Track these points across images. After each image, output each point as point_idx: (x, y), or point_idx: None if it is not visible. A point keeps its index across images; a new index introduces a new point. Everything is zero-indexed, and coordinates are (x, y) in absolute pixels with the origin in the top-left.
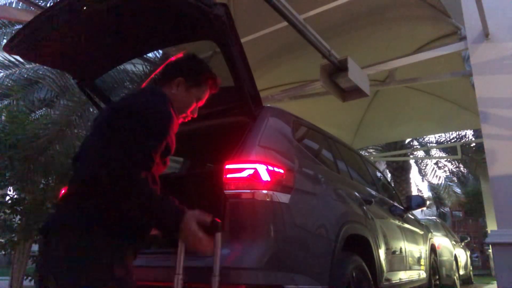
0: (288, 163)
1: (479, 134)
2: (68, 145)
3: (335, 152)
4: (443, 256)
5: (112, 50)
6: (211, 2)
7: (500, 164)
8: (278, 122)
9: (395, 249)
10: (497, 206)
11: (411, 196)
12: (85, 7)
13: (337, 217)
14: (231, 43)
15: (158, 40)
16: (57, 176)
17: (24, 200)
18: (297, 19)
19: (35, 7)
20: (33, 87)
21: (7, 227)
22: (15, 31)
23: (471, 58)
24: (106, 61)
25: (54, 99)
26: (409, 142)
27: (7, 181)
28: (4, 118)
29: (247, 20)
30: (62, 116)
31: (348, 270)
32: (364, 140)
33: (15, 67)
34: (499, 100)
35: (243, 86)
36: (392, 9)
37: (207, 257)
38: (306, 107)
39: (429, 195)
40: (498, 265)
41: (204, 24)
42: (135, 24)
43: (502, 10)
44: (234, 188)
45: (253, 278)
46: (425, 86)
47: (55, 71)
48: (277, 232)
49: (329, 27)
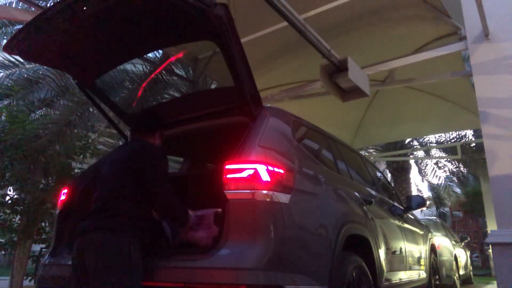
0: (288, 163)
1: (479, 134)
2: (68, 145)
3: (335, 152)
4: (443, 256)
5: (112, 50)
6: (211, 2)
7: (500, 164)
8: (278, 122)
9: (395, 249)
10: (497, 206)
11: (411, 196)
12: (85, 7)
13: (337, 217)
14: (231, 43)
15: (158, 40)
16: (57, 176)
17: (24, 200)
18: (297, 19)
19: (35, 7)
20: (33, 87)
21: (7, 227)
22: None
23: (471, 58)
24: (106, 61)
25: (54, 99)
26: (409, 142)
27: (7, 181)
28: (4, 118)
29: (247, 20)
30: (62, 116)
31: (348, 270)
32: (364, 140)
33: (15, 67)
34: (499, 100)
35: (243, 86)
36: (392, 9)
37: (206, 258)
38: (306, 107)
39: (429, 195)
40: (498, 265)
41: (204, 24)
42: (135, 24)
43: (502, 10)
44: (234, 188)
45: (253, 278)
46: (425, 86)
47: (55, 71)
48: (277, 233)
49: (329, 27)
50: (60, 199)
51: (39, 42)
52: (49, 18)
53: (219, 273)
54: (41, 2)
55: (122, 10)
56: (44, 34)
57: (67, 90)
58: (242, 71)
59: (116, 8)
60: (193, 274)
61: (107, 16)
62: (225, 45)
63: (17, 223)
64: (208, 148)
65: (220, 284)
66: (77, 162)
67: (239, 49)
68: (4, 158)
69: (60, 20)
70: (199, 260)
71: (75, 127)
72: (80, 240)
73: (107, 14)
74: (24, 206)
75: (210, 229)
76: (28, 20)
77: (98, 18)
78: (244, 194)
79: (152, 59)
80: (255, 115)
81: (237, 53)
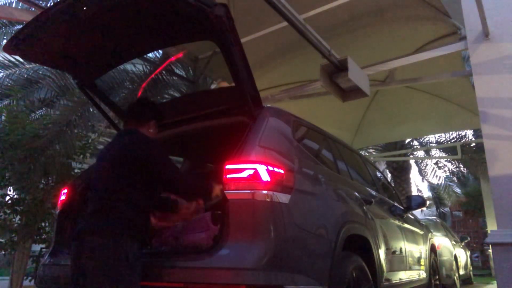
0: (288, 163)
1: (479, 134)
2: (68, 145)
3: (335, 152)
4: (443, 256)
5: (112, 50)
6: (211, 2)
7: (500, 164)
8: (278, 122)
9: (395, 249)
10: (497, 206)
11: (411, 196)
12: (85, 7)
13: (337, 217)
14: (231, 43)
15: (158, 40)
16: (57, 176)
17: (24, 200)
18: (297, 19)
19: (35, 7)
20: (33, 87)
21: (7, 227)
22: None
23: (471, 58)
24: (106, 61)
25: (54, 99)
26: (409, 142)
27: (7, 181)
28: (4, 118)
29: (247, 20)
30: (62, 116)
31: (348, 270)
32: (364, 140)
33: (15, 67)
34: (499, 100)
35: (243, 86)
36: (392, 9)
37: (207, 258)
38: (306, 107)
39: (429, 195)
40: (498, 265)
41: (204, 24)
42: (135, 24)
43: (502, 10)
44: (234, 188)
45: (253, 278)
46: (425, 86)
47: (55, 71)
48: (277, 233)
49: (329, 27)
50: (60, 199)
51: (39, 42)
52: (49, 18)
53: (219, 273)
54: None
55: (122, 10)
56: (44, 34)
57: (67, 90)
58: (242, 71)
59: (116, 8)
60: (193, 274)
61: (107, 16)
62: (225, 45)
63: (17, 223)
64: (208, 148)
65: (220, 284)
66: (77, 162)
67: (239, 49)
68: (4, 158)
69: (60, 20)
70: (199, 260)
71: (75, 127)
72: (76, 243)
73: (107, 14)
74: (24, 206)
75: (208, 230)
76: (28, 20)
77: (98, 18)
78: (244, 194)
79: (152, 59)
80: (255, 115)
81: (237, 53)
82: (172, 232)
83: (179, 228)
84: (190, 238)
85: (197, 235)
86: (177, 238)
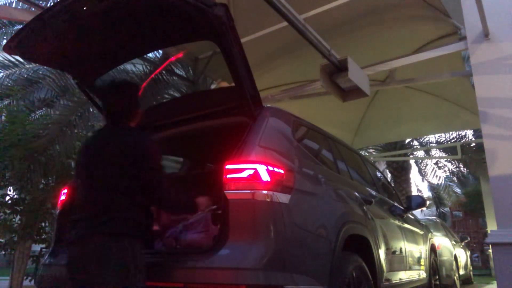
0: (288, 163)
1: (479, 134)
2: (68, 145)
3: (335, 152)
4: (443, 256)
5: (112, 50)
6: (211, 2)
7: (500, 164)
8: (278, 122)
9: (395, 249)
10: (497, 206)
11: (411, 196)
12: (84, 7)
13: (337, 217)
14: (231, 43)
15: (158, 40)
16: (57, 176)
17: (24, 200)
18: (297, 19)
19: (35, 7)
20: (33, 87)
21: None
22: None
23: (471, 58)
24: (106, 61)
25: (54, 99)
26: (409, 142)
27: (7, 181)
28: (4, 118)
29: (247, 20)
30: (62, 116)
31: (348, 270)
32: (364, 140)
33: (15, 67)
34: (499, 100)
35: (243, 86)
36: (392, 9)
37: (207, 258)
38: (306, 107)
39: (429, 195)
40: (498, 265)
41: (204, 24)
42: (135, 24)
43: (502, 10)
44: (234, 188)
45: (253, 278)
46: (425, 86)
47: (55, 71)
48: (277, 233)
49: (329, 27)
50: (60, 199)
51: (39, 42)
52: (49, 18)
53: (219, 273)
54: (41, 2)
55: (122, 10)
56: (44, 34)
57: (67, 90)
58: (242, 71)
59: (116, 8)
60: (193, 274)
61: (107, 16)
62: (225, 45)
63: (17, 223)
64: (208, 148)
65: (220, 284)
66: None
67: (239, 49)
68: (4, 158)
69: (60, 20)
70: (199, 260)
71: (75, 127)
72: (79, 246)
73: (107, 14)
74: (24, 206)
75: (208, 230)
76: (28, 20)
77: (98, 18)
78: (244, 194)
79: (152, 59)
80: (255, 115)
81: (237, 53)
82: (172, 232)
83: (179, 228)
84: (190, 238)
85: (197, 235)
86: (177, 238)
